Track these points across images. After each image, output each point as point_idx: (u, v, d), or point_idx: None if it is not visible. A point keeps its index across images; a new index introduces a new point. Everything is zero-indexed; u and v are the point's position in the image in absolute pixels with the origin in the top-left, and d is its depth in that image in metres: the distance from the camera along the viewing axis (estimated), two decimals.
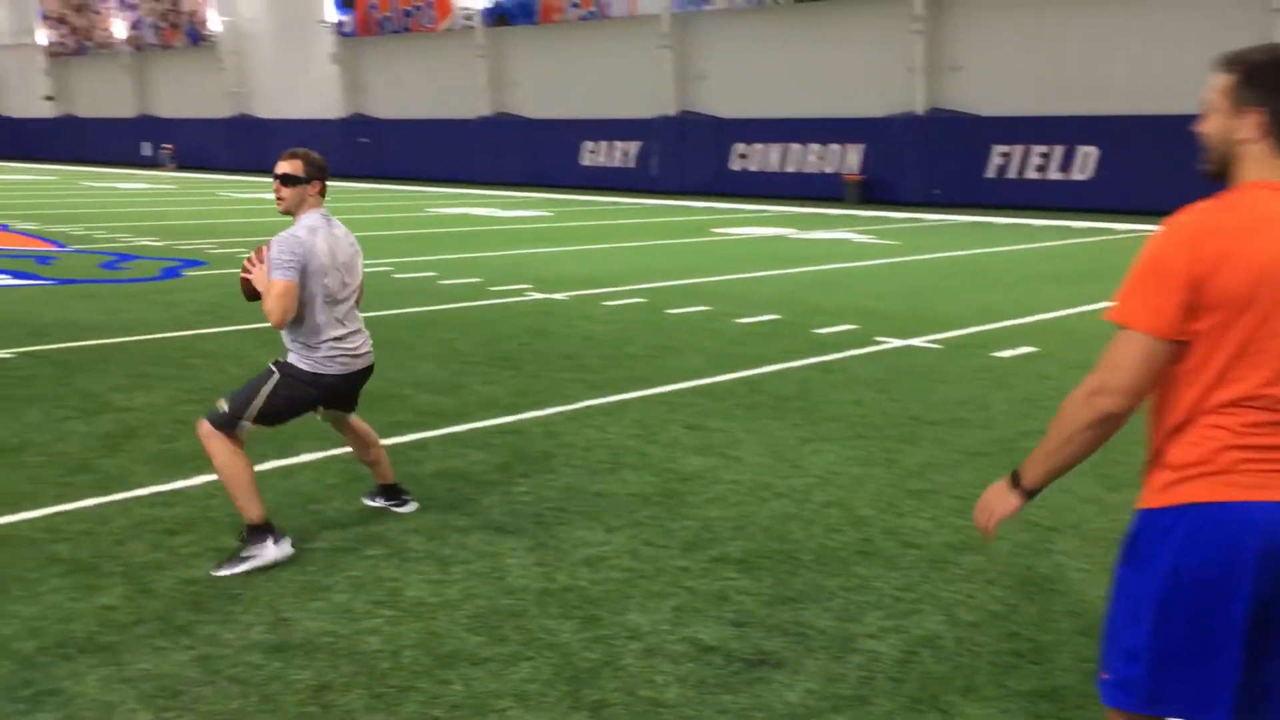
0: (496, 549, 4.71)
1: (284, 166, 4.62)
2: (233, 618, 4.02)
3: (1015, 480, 2.58)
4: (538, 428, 6.68)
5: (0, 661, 3.65)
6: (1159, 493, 2.33)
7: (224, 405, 4.55)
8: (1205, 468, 2.26)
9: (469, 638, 3.87)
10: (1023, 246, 18.45)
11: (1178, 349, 2.27)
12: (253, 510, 4.47)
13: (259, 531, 4.46)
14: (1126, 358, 2.32)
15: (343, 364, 4.73)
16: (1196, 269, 2.19)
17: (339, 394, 4.80)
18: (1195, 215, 2.26)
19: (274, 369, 4.67)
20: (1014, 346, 9.35)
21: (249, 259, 4.79)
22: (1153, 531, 2.33)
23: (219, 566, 4.43)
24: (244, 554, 4.44)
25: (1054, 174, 27.17)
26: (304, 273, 4.54)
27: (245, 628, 3.94)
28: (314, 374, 4.66)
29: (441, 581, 4.36)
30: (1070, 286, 13.27)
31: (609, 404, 7.30)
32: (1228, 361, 2.24)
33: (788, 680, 3.60)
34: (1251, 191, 2.27)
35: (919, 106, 28.97)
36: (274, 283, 4.47)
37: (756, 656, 3.75)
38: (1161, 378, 2.31)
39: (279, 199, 4.64)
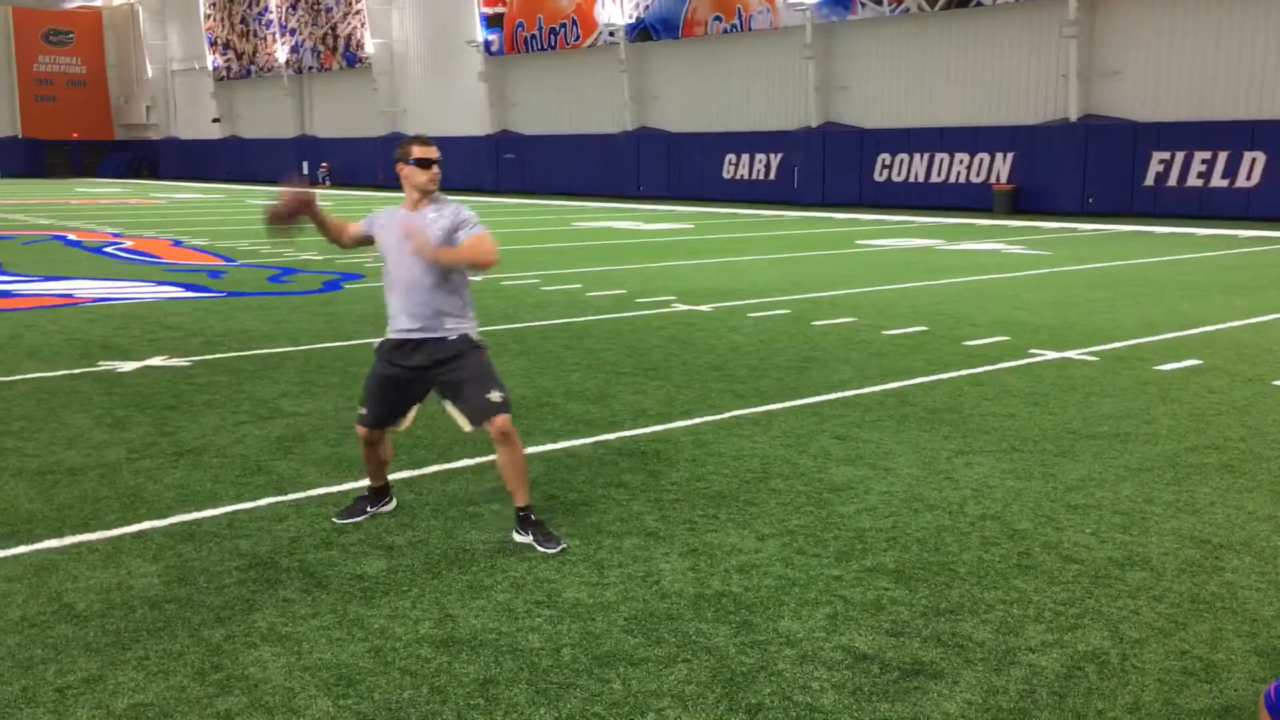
0: (650, 554, 4.79)
1: (435, 151, 4.99)
2: (402, 613, 4.20)
3: None
4: (686, 436, 6.75)
5: (191, 648, 3.90)
6: None
7: (498, 395, 4.89)
8: None
9: (626, 639, 3.96)
10: (1184, 256, 17.74)
11: None
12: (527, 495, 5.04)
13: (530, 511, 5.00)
14: None
15: None
16: None
17: None
18: None
19: (479, 345, 5.03)
20: (1178, 359, 9.02)
21: (297, 200, 5.04)
22: None
23: (547, 543, 4.88)
24: (549, 534, 4.93)
25: (1217, 181, 26.03)
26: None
27: (414, 622, 4.11)
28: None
29: (598, 584, 4.46)
30: (1237, 298, 12.71)
31: (757, 414, 7.33)
32: None
33: (946, 691, 3.57)
34: None
35: (1072, 113, 28.14)
36: (482, 234, 4.85)
37: (914, 666, 3.74)
38: None
39: (436, 179, 4.94)
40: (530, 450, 6.44)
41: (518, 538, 4.97)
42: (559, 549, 4.84)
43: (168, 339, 10.27)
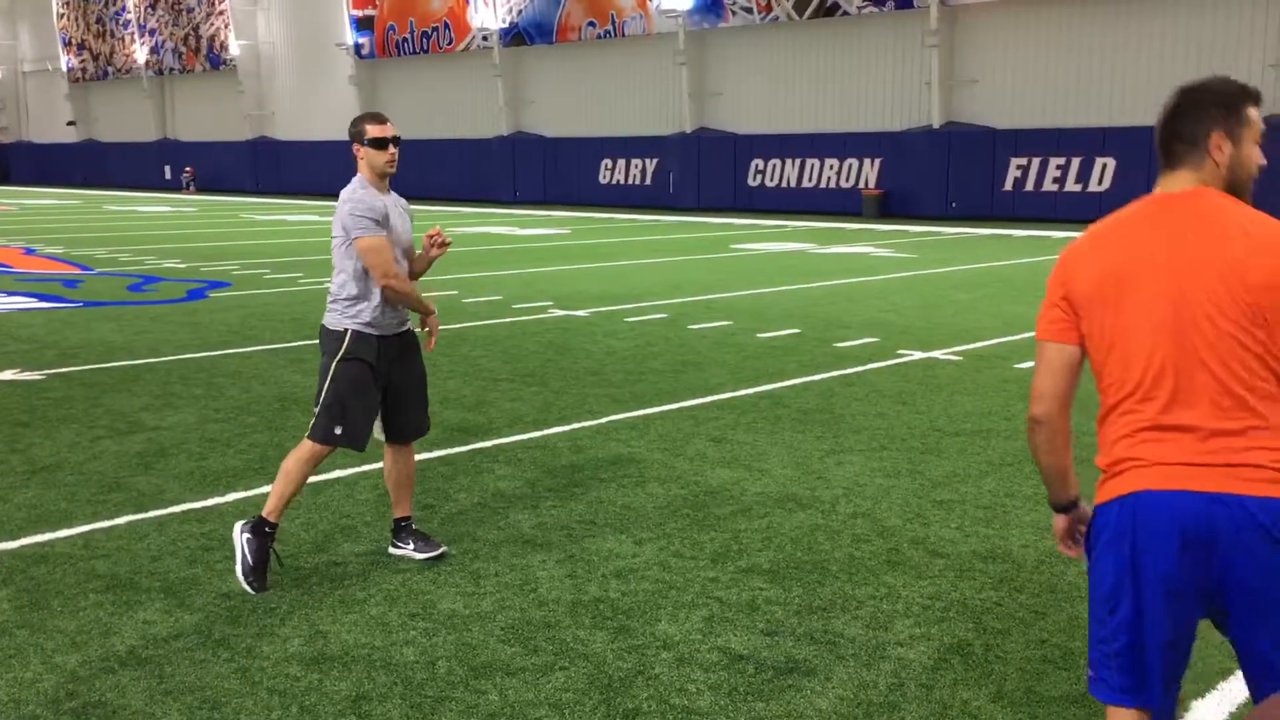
0: (527, 562, 4.76)
1: (392, 129, 4.65)
2: (270, 630, 4.08)
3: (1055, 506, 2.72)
4: (564, 442, 6.74)
5: (44, 675, 3.72)
6: (1097, 491, 2.50)
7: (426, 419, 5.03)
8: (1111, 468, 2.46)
9: (503, 649, 3.92)
10: (1042, 258, 18.45)
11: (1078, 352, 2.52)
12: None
13: None
14: (1037, 366, 2.60)
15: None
16: (1063, 279, 2.51)
17: None
18: (1088, 232, 2.55)
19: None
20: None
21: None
22: (1091, 529, 2.50)
23: (427, 548, 4.82)
24: (427, 539, 4.87)
25: (1071, 186, 27.15)
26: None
27: (283, 640, 4.00)
28: None
29: (474, 594, 4.41)
30: None
31: (634, 419, 7.35)
32: (1102, 360, 2.48)
33: (819, 687, 3.63)
34: (1132, 204, 2.51)
35: (935, 120, 29.01)
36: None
37: (788, 664, 3.79)
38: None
39: (394, 160, 4.62)
40: None
41: (395, 550, 4.87)
42: (439, 551, 4.79)
43: (19, 352, 9.81)
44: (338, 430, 4.55)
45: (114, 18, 55.95)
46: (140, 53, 54.40)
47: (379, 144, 4.57)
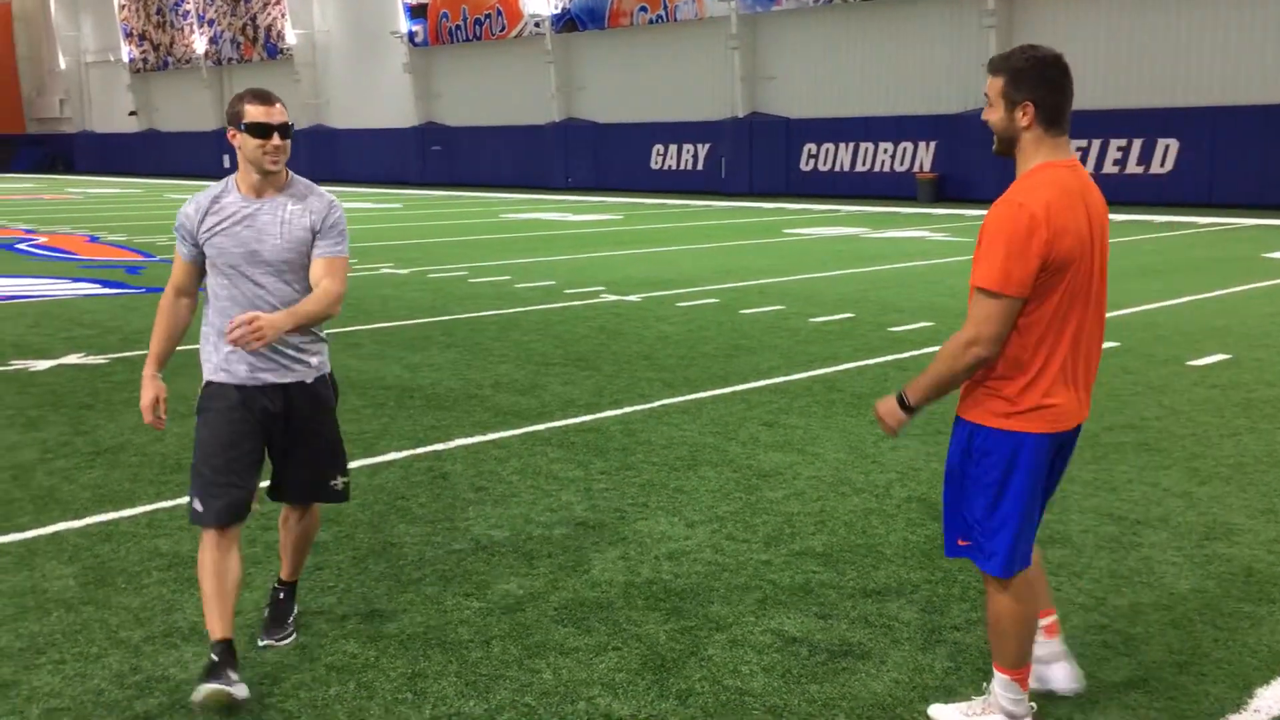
0: (580, 544, 4.78)
1: (280, 114, 3.55)
2: (328, 608, 4.13)
3: (902, 401, 3.14)
4: (616, 426, 6.75)
5: (109, 650, 3.80)
6: (1000, 418, 3.01)
7: (342, 481, 3.91)
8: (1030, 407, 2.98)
9: (556, 629, 3.94)
10: None
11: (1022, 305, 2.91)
12: None
13: None
14: (996, 315, 2.90)
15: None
16: (1050, 241, 2.86)
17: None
18: (1042, 198, 2.89)
19: (333, 389, 3.91)
20: None
21: None
22: (997, 446, 3.02)
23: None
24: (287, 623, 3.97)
25: (1133, 168, 26.65)
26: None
27: (340, 619, 4.05)
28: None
29: (528, 575, 4.44)
30: (1152, 281, 13.03)
31: (686, 402, 7.34)
32: (1053, 314, 2.93)
33: (874, 670, 3.61)
34: (1050, 171, 2.97)
35: None
36: (342, 262, 3.65)
37: (842, 647, 3.77)
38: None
39: (278, 152, 3.54)
40: (459, 442, 6.39)
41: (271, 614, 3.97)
42: (283, 639, 3.89)
43: (83, 337, 10.00)
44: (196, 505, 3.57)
45: (173, 9, 56.76)
46: (199, 43, 55.16)
47: (258, 130, 3.47)
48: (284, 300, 3.55)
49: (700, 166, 35.98)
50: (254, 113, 3.48)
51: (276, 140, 3.49)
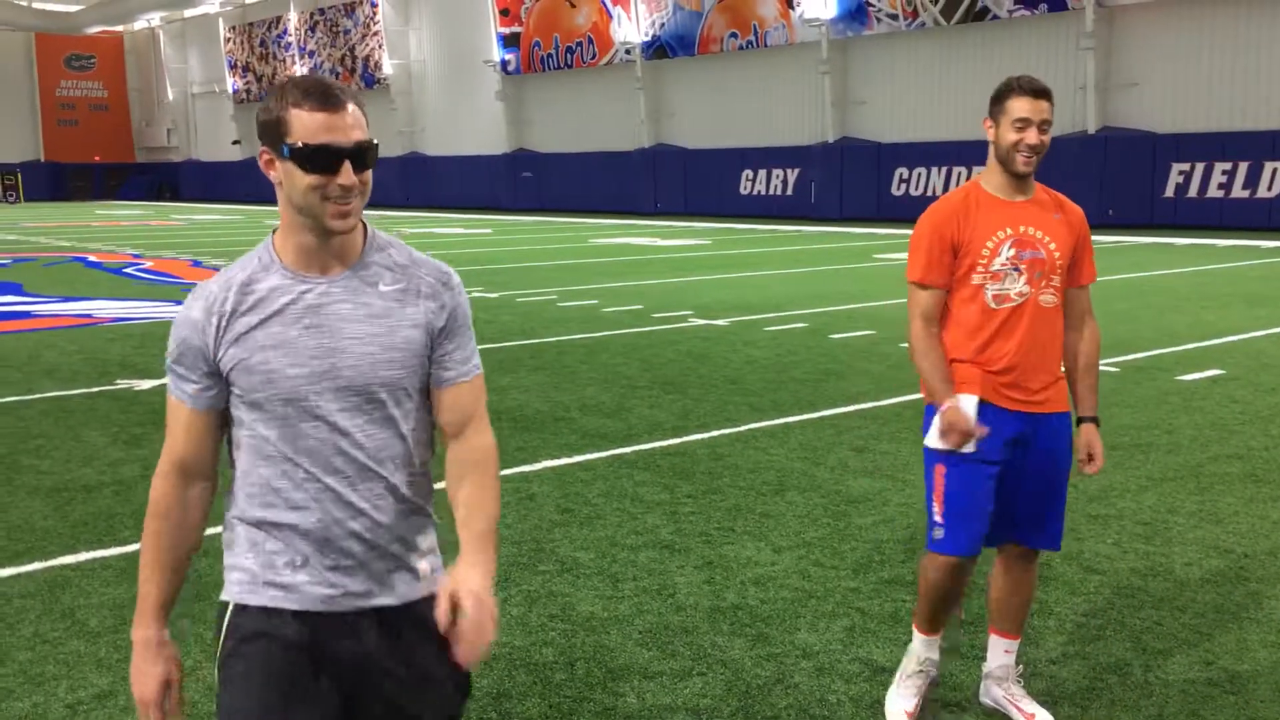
0: (665, 567, 4.75)
1: (359, 132, 1.97)
2: None
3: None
4: (702, 449, 6.71)
5: (203, 663, 3.87)
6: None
7: None
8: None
9: (641, 652, 3.91)
10: (1206, 267, 17.61)
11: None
12: None
13: None
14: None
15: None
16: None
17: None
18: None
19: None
20: (1200, 370, 8.92)
21: None
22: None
23: None
24: None
25: (1238, 192, 25.86)
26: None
27: None
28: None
29: (612, 597, 4.42)
30: (1258, 308, 12.59)
31: (773, 426, 7.28)
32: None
33: (965, 702, 3.51)
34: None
35: (1090, 125, 28.02)
36: (481, 389, 2.17)
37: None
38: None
39: (354, 194, 1.95)
40: (545, 464, 6.42)
41: None
42: None
43: None
44: None
45: (276, 40, 58.51)
46: (300, 73, 56.73)
47: (318, 159, 1.92)
48: (388, 455, 2.03)
49: (790, 191, 35.84)
50: (310, 123, 1.91)
51: (348, 176, 1.91)
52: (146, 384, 8.98)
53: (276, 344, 1.97)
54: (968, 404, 3.25)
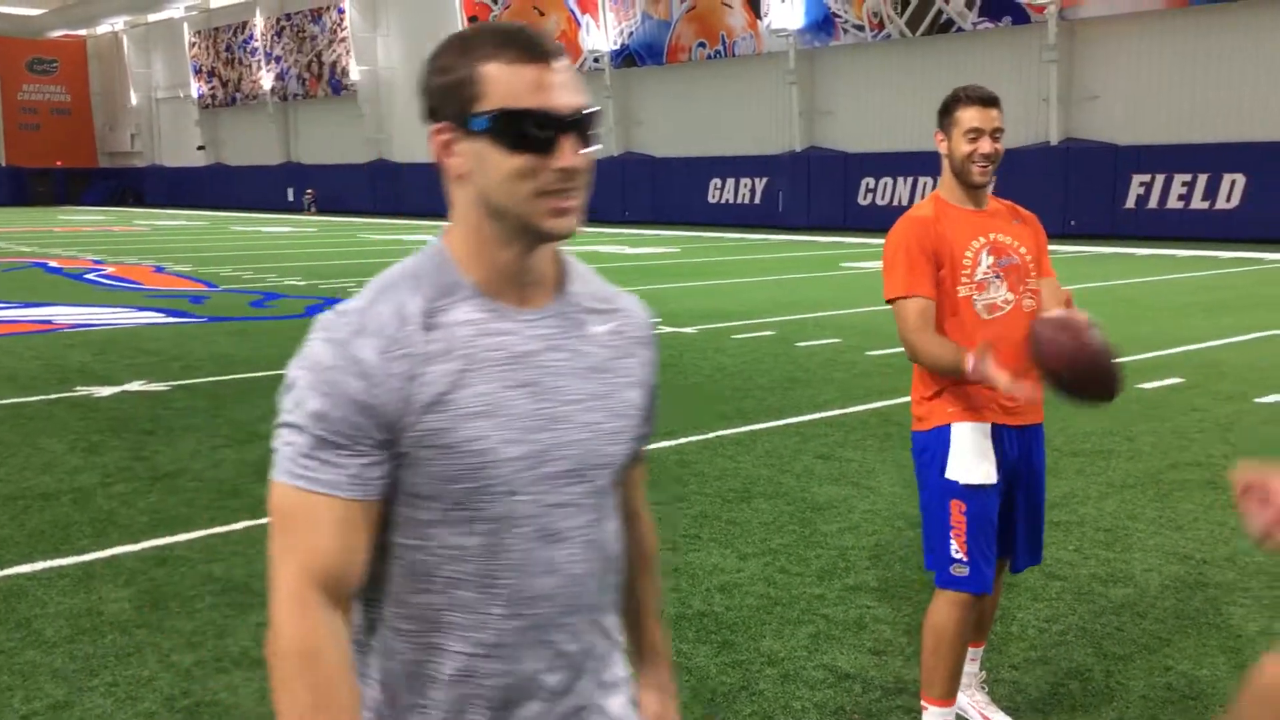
0: None
1: (579, 94, 1.41)
2: None
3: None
4: (670, 456, 6.70)
5: (160, 674, 3.82)
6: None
7: None
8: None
9: None
10: (1166, 277, 17.82)
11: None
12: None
13: None
14: None
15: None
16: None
17: None
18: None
19: None
20: (1160, 378, 9.02)
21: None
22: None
23: None
24: None
25: (1197, 203, 26.21)
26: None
27: None
28: None
29: None
30: (1218, 317, 12.76)
31: (740, 434, 7.29)
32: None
33: (935, 705, 3.51)
34: None
35: (1053, 136, 28.32)
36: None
37: (896, 684, 3.69)
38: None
39: (576, 206, 1.43)
40: None
41: None
42: None
43: (146, 364, 10.18)
44: None
45: (242, 46, 58.13)
46: (266, 80, 56.37)
47: (527, 134, 1.36)
48: (602, 568, 1.52)
49: (758, 200, 35.98)
50: (516, 81, 1.37)
51: (571, 155, 1.38)
52: (106, 390, 8.87)
53: (488, 410, 1.38)
54: (980, 433, 3.13)
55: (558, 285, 1.51)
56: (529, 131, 1.35)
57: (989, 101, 3.20)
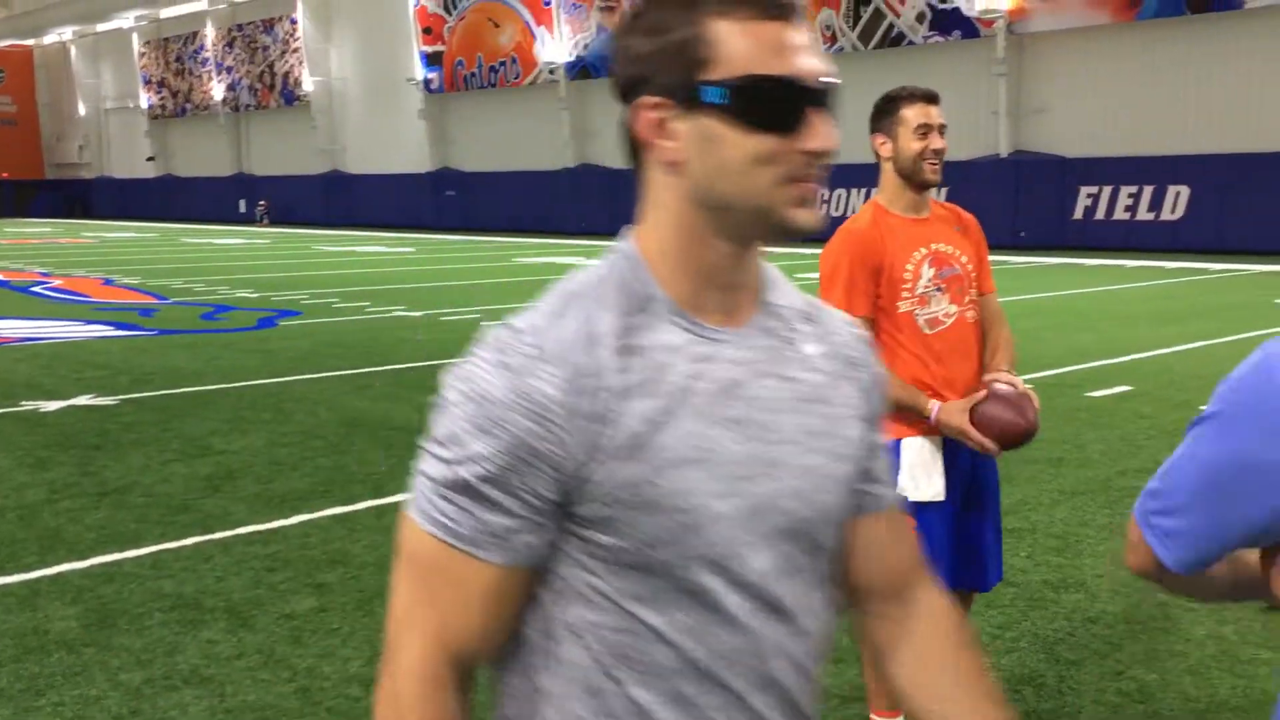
0: None
1: (821, 59, 1.16)
2: (331, 651, 4.09)
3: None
4: None
5: (109, 692, 3.76)
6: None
7: None
8: None
9: None
10: (1113, 287, 18.11)
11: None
12: None
13: None
14: None
15: None
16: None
17: None
18: None
19: None
20: (1108, 386, 9.16)
21: None
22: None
23: None
24: None
25: (1143, 214, 26.68)
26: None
27: (344, 661, 4.00)
28: None
29: None
30: (1165, 326, 12.98)
31: None
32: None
33: (882, 717, 3.53)
34: None
35: (1003, 149, 28.71)
36: None
37: (853, 693, 3.70)
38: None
39: (818, 195, 1.16)
40: None
41: None
42: None
43: (95, 378, 10.03)
44: None
45: (192, 56, 57.55)
46: (217, 90, 55.84)
47: (773, 106, 1.11)
48: (821, 646, 1.28)
49: None
50: (755, 42, 1.12)
51: (825, 136, 1.15)
52: (53, 405, 8.72)
53: (698, 456, 1.11)
54: (931, 448, 3.04)
55: (759, 296, 1.22)
56: (777, 105, 1.10)
57: (932, 98, 3.11)
